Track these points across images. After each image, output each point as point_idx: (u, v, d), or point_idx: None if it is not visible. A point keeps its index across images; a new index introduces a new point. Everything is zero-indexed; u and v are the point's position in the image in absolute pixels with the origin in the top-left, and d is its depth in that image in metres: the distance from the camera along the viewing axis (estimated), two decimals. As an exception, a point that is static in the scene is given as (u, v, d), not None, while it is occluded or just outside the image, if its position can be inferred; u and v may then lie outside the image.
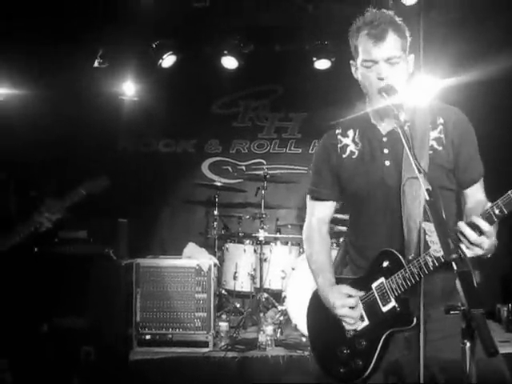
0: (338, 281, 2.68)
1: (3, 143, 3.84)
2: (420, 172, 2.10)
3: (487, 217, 2.17)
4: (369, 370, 2.50)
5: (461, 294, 1.75)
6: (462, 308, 1.72)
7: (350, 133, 2.67)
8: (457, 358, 2.25)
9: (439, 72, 6.36)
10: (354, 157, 2.63)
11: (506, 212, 2.16)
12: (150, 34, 6.71)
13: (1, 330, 3.84)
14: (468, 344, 1.73)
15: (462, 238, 2.17)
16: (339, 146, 2.68)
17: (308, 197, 2.90)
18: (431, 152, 2.46)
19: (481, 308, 1.69)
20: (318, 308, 2.74)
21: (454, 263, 1.79)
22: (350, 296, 2.57)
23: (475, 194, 2.54)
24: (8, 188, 4.00)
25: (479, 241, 2.16)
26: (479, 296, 1.73)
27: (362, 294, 2.55)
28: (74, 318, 5.14)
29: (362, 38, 2.45)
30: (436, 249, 2.24)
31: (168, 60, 6.86)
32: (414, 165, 2.13)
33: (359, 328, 2.56)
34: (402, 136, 2.23)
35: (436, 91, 6.35)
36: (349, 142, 2.66)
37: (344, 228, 5.67)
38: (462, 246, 2.14)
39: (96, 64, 6.67)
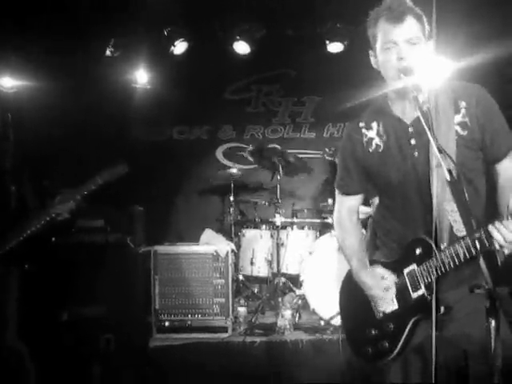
0: (371, 263, 2.73)
1: (17, 133, 3.85)
2: (440, 152, 2.08)
3: None
4: (394, 353, 2.55)
5: (485, 273, 1.74)
6: (487, 287, 1.71)
7: (374, 125, 2.68)
8: (482, 333, 2.27)
9: (454, 53, 6.31)
10: (380, 150, 2.64)
11: None
12: (161, 21, 6.69)
13: (21, 319, 3.86)
14: (493, 322, 1.73)
15: (495, 235, 2.08)
16: (364, 140, 2.69)
17: (336, 190, 2.94)
18: (457, 137, 2.43)
19: (505, 287, 1.69)
20: (351, 289, 2.81)
21: (477, 242, 1.78)
22: (383, 278, 2.61)
23: (507, 170, 2.51)
24: (22, 177, 3.99)
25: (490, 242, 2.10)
26: (503, 275, 1.72)
27: (395, 277, 2.58)
28: (93, 307, 5.16)
29: (380, 24, 2.48)
30: (459, 228, 2.23)
31: (180, 47, 6.85)
32: (434, 145, 2.11)
33: (388, 311, 2.60)
34: (421, 117, 2.22)
35: (451, 73, 6.29)
36: (373, 136, 2.67)
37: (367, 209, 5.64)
38: (496, 244, 2.08)
39: (108, 53, 6.67)
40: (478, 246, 2.13)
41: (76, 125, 6.76)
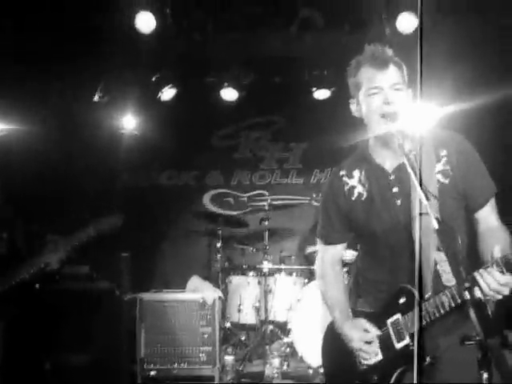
0: (354, 313, 2.70)
1: (5, 176, 3.84)
2: (428, 199, 2.07)
3: (506, 262, 2.09)
4: None
5: (475, 323, 1.71)
6: (478, 338, 1.68)
7: (356, 173, 2.68)
8: None
9: (438, 100, 6.39)
10: (362, 199, 2.63)
11: None
12: (149, 67, 6.74)
13: (4, 368, 3.77)
14: (485, 375, 1.70)
15: (481, 283, 2.08)
16: (346, 188, 2.69)
17: (318, 240, 2.92)
18: (438, 185, 2.44)
19: (496, 337, 1.66)
20: (333, 340, 2.75)
21: (467, 292, 1.76)
22: (366, 331, 2.57)
23: (486, 219, 2.51)
24: (15, 224, 3.96)
25: (498, 289, 2.08)
26: (494, 325, 1.69)
27: (378, 332, 2.54)
28: (77, 355, 5.05)
29: (364, 70, 2.53)
30: (448, 278, 2.21)
31: (168, 93, 6.88)
32: (421, 193, 2.10)
33: (372, 362, 2.55)
34: (407, 165, 2.22)
35: (436, 120, 6.37)
36: (355, 184, 2.66)
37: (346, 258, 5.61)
38: (478, 290, 2.06)
39: (96, 98, 6.69)
40: (464, 295, 2.09)
41: (64, 169, 6.73)
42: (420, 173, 2.35)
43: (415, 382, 2.20)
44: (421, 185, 2.13)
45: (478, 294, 1.91)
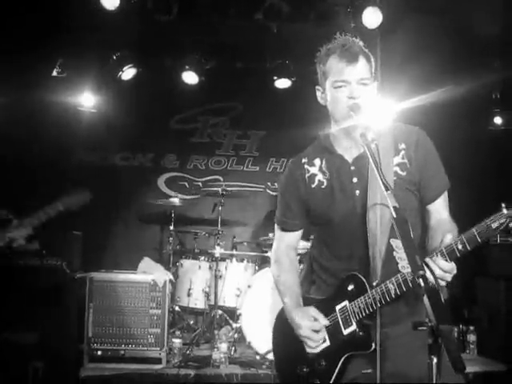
0: (305, 300, 2.72)
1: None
2: (387, 190, 2.12)
3: (450, 251, 2.20)
4: None
5: (428, 310, 1.76)
6: (430, 324, 1.73)
7: (317, 162, 2.70)
8: (418, 372, 2.31)
9: (397, 95, 6.51)
10: (323, 187, 2.65)
11: (469, 248, 2.19)
12: (111, 46, 6.65)
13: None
14: (435, 359, 1.75)
15: (426, 270, 2.16)
16: (307, 175, 2.70)
17: (276, 225, 2.93)
18: (395, 178, 2.50)
19: (448, 324, 1.71)
20: (283, 326, 2.76)
21: (420, 280, 1.81)
22: (314, 320, 2.59)
23: (438, 211, 2.58)
24: None
25: (442, 275, 2.19)
26: (447, 312, 1.75)
27: (326, 321, 2.57)
28: (23, 333, 4.97)
29: (333, 60, 2.52)
30: (404, 265, 2.27)
31: (128, 72, 6.81)
32: (380, 182, 2.15)
33: (317, 351, 2.59)
34: (368, 154, 2.25)
35: (395, 114, 6.49)
36: (316, 172, 2.68)
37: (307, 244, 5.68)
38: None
39: (55, 73, 6.57)
40: (410, 282, 2.26)
41: (17, 145, 6.58)
42: (380, 163, 2.41)
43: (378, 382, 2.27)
44: (382, 175, 2.17)
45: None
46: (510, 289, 5.69)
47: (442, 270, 2.18)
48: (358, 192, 2.55)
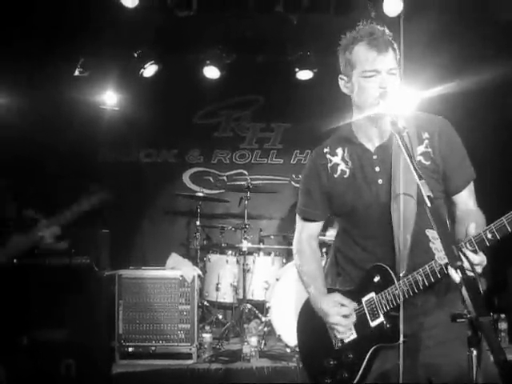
0: (330, 292, 2.70)
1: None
2: (421, 178, 2.09)
3: (479, 241, 2.17)
4: (354, 383, 2.52)
5: (467, 301, 1.73)
6: (469, 316, 1.70)
7: (339, 151, 2.68)
8: (450, 363, 2.28)
9: (419, 83, 6.45)
10: (345, 176, 2.63)
11: (498, 237, 2.17)
12: (132, 43, 6.66)
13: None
14: (474, 352, 1.72)
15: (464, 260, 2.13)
16: (329, 165, 2.69)
17: (298, 216, 2.91)
18: (420, 167, 2.44)
19: (488, 315, 1.68)
20: (308, 318, 2.77)
21: (458, 270, 1.78)
22: (342, 305, 2.58)
23: (465, 202, 2.55)
24: (6, 196, 3.92)
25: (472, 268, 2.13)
26: (485, 303, 1.72)
27: (355, 305, 2.56)
28: (55, 331, 5.02)
29: (361, 49, 2.47)
30: (441, 256, 2.24)
31: (150, 69, 6.81)
32: (413, 171, 2.12)
33: (347, 340, 2.57)
34: (400, 143, 2.21)
35: (417, 103, 6.42)
36: (338, 161, 2.66)
37: (327, 237, 5.66)
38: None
39: (77, 73, 6.60)
40: (437, 273, 2.27)
41: (43, 145, 6.64)
42: (401, 154, 2.39)
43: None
44: (414, 162, 2.14)
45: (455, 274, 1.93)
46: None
47: (472, 262, 2.12)
48: (380, 181, 2.54)
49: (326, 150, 2.72)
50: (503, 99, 7.17)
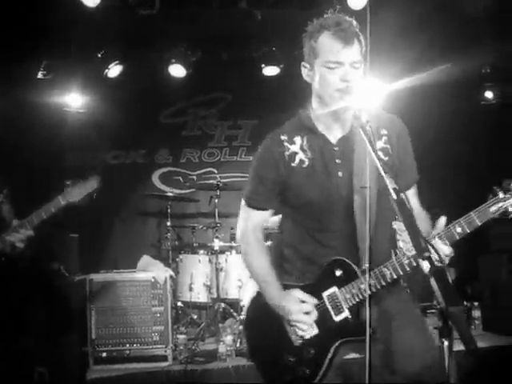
0: (284, 287, 2.58)
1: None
2: (386, 172, 2.07)
3: (449, 235, 2.24)
4: (318, 378, 2.48)
5: (436, 292, 1.72)
6: (439, 306, 1.69)
7: (298, 140, 2.60)
8: (412, 351, 2.38)
9: (387, 76, 6.49)
10: (304, 166, 2.56)
11: (468, 231, 2.24)
12: (95, 44, 6.56)
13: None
14: (446, 342, 1.71)
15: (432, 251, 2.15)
16: (286, 153, 2.59)
17: (244, 203, 2.79)
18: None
19: (459, 305, 1.67)
20: (260, 315, 2.66)
21: (427, 261, 1.77)
22: (303, 302, 2.50)
23: (411, 200, 2.52)
24: None
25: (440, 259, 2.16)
26: (455, 293, 1.71)
27: (315, 301, 2.50)
28: (26, 338, 4.93)
29: (326, 39, 2.43)
30: (408, 248, 2.24)
31: (114, 69, 6.73)
32: (378, 165, 2.11)
33: (308, 337, 2.50)
34: (364, 137, 2.20)
35: (384, 95, 6.46)
36: (297, 150, 2.58)
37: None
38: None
39: (40, 75, 6.49)
40: (406, 266, 2.30)
41: (5, 148, 6.50)
42: (361, 148, 2.42)
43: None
44: (378, 156, 2.13)
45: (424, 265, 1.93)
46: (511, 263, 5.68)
47: (444, 253, 2.21)
48: (340, 173, 2.51)
49: (283, 138, 2.62)
50: (470, 86, 7.28)
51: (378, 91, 6.35)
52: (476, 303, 5.81)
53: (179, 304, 6.29)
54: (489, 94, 7.44)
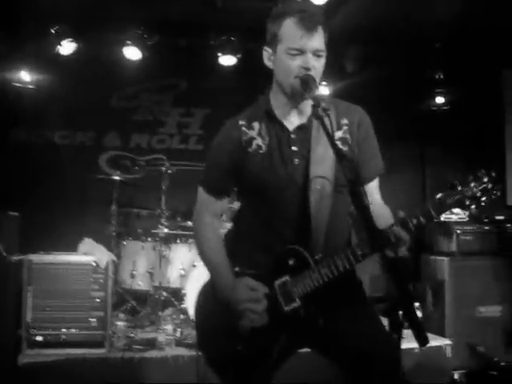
0: (236, 275, 2.55)
1: None
2: (342, 161, 2.06)
3: (403, 223, 2.22)
4: (267, 367, 2.46)
5: (389, 283, 1.72)
6: (389, 299, 1.69)
7: (256, 125, 2.58)
8: (370, 344, 2.34)
9: (341, 70, 6.60)
10: (261, 151, 2.53)
11: (423, 222, 2.23)
12: (48, 19, 6.36)
13: None
14: (395, 336, 1.71)
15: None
16: (244, 138, 2.57)
17: (201, 189, 2.73)
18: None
19: (411, 298, 1.67)
20: (211, 302, 2.62)
21: (382, 253, 1.77)
22: (253, 290, 2.46)
23: (372, 193, 2.56)
24: None
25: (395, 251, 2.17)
26: (408, 286, 1.70)
27: (266, 289, 2.46)
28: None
29: (289, 24, 2.41)
30: (363, 238, 2.24)
31: (67, 47, 6.52)
32: (336, 154, 2.11)
33: (258, 325, 2.46)
34: (322, 127, 2.20)
35: (340, 88, 6.55)
36: (255, 135, 2.56)
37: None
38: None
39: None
40: (359, 256, 2.28)
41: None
42: (319, 137, 2.45)
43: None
44: (336, 146, 2.12)
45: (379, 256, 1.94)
46: (452, 265, 5.78)
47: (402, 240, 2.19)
48: (297, 161, 2.49)
49: (241, 123, 2.61)
50: (422, 91, 7.44)
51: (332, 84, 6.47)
52: (417, 304, 5.90)
53: (120, 290, 6.17)
54: (440, 100, 7.60)
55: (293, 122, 2.55)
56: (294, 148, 2.50)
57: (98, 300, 5.02)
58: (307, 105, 2.47)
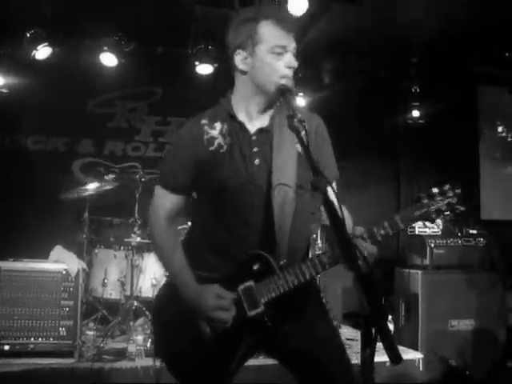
0: (198, 279, 2.48)
1: None
2: (318, 174, 2.05)
3: (371, 236, 2.28)
4: (228, 373, 2.43)
5: (361, 298, 1.69)
6: (363, 313, 1.66)
7: (218, 125, 2.56)
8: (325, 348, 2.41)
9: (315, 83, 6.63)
10: (222, 150, 2.51)
11: (390, 233, 2.30)
12: (24, 23, 6.28)
13: None
14: (368, 350, 1.68)
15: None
16: (205, 137, 2.53)
17: (159, 186, 2.64)
18: (297, 156, 2.48)
19: (383, 313, 1.64)
20: (170, 307, 2.57)
21: (353, 264, 1.75)
22: (220, 297, 2.42)
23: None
24: None
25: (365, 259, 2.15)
26: (381, 301, 1.68)
27: (234, 296, 2.42)
28: None
29: (267, 27, 2.43)
30: (331, 245, 2.24)
31: (42, 51, 6.43)
32: (310, 163, 2.09)
33: (220, 331, 2.42)
34: (297, 139, 2.20)
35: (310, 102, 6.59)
36: (216, 135, 2.53)
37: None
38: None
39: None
40: (326, 263, 2.32)
41: None
42: (281, 142, 2.47)
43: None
44: (310, 157, 2.11)
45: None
46: (424, 279, 5.81)
47: (369, 252, 2.24)
48: (257, 161, 2.48)
49: (203, 122, 2.58)
50: (399, 103, 7.54)
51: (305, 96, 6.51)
52: (389, 317, 5.90)
53: (90, 299, 6.07)
54: (416, 113, 7.68)
55: (254, 124, 2.53)
56: (255, 149, 2.49)
57: (67, 309, 4.95)
58: (271, 111, 2.53)
